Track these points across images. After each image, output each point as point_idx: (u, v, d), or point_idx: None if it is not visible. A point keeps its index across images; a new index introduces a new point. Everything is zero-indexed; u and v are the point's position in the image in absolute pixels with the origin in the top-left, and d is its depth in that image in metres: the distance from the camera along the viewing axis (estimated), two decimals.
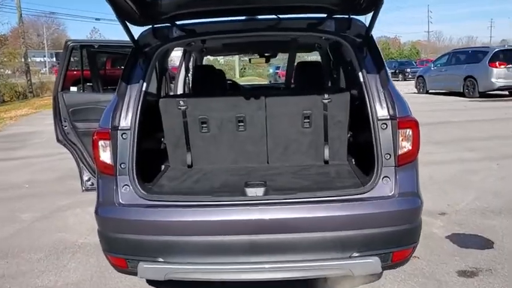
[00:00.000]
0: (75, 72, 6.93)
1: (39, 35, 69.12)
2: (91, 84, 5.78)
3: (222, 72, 5.08)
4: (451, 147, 8.30)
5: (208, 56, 7.62)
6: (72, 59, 5.04)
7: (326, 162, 3.48)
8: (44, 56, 61.11)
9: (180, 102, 3.40)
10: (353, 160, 3.54)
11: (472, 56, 18.89)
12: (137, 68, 3.06)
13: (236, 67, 39.26)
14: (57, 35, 70.70)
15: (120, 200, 2.80)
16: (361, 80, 2.93)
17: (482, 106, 15.33)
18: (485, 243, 4.19)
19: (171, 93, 5.15)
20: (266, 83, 18.93)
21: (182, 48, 5.55)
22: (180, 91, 5.29)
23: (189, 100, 3.41)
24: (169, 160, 3.57)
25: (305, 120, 3.43)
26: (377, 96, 2.85)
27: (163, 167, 3.61)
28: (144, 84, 3.02)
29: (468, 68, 18.49)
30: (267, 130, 3.47)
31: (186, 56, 5.39)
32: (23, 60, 29.71)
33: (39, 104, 22.43)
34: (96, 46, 5.29)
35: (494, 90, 17.57)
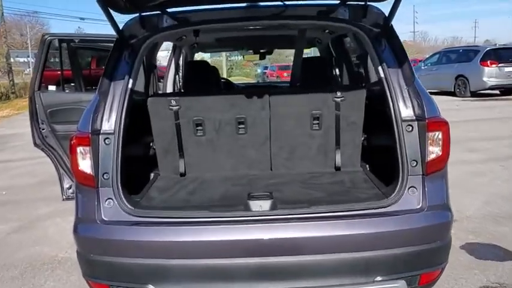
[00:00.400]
0: (58, 72, 6.43)
1: (22, 34, 67.88)
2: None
3: (215, 69, 4.69)
4: (451, 148, 8.01)
5: (199, 54, 7.22)
6: (54, 59, 4.59)
7: (338, 168, 3.10)
8: (28, 56, 59.98)
9: (172, 101, 2.99)
10: (367, 166, 3.17)
11: (463, 55, 18.73)
12: (122, 63, 2.66)
13: (223, 67, 38.84)
14: (40, 35, 69.46)
15: (103, 217, 2.39)
16: (381, 75, 2.56)
17: (475, 106, 15.16)
18: (504, 254, 3.87)
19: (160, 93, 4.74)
20: (261, 82, 18.45)
21: (168, 49, 5.14)
22: (169, 91, 4.88)
23: (182, 99, 3.00)
24: (159, 168, 3.16)
25: (314, 122, 3.05)
26: (400, 94, 2.49)
27: (152, 175, 3.19)
28: (130, 81, 2.62)
29: (459, 67, 18.31)
30: (271, 133, 3.08)
31: (175, 52, 4.97)
32: (5, 60, 28.91)
33: (21, 105, 21.74)
34: (76, 41, 4.83)
35: (486, 89, 17.42)
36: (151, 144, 3.16)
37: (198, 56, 7.26)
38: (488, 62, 17.26)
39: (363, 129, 3.07)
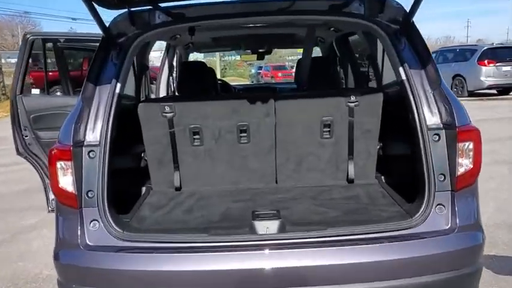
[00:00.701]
0: (50, 74, 6.06)
1: (14, 35, 67.21)
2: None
3: (212, 70, 4.38)
4: None
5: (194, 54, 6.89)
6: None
7: (350, 181, 2.81)
8: None
9: (165, 107, 2.68)
10: (382, 178, 2.88)
11: (460, 54, 18.55)
12: (109, 64, 2.36)
13: (217, 67, 38.55)
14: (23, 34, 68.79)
15: (87, 241, 2.10)
16: (402, 77, 2.28)
17: (473, 106, 14.92)
18: None
19: (153, 97, 4.43)
20: (260, 83, 17.87)
21: (161, 49, 4.82)
22: (163, 94, 4.56)
23: (177, 105, 2.69)
24: (151, 181, 2.85)
25: (325, 129, 2.75)
26: (425, 99, 2.21)
27: (144, 189, 2.88)
28: (118, 85, 2.32)
29: (456, 66, 18.12)
30: (276, 142, 2.77)
31: (169, 52, 4.66)
32: None
33: None
34: (62, 40, 4.50)
35: (483, 89, 17.24)
36: (142, 155, 2.84)
37: (192, 56, 6.95)
38: (486, 61, 17.08)
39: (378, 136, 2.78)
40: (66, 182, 2.16)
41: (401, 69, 2.29)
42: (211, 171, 2.81)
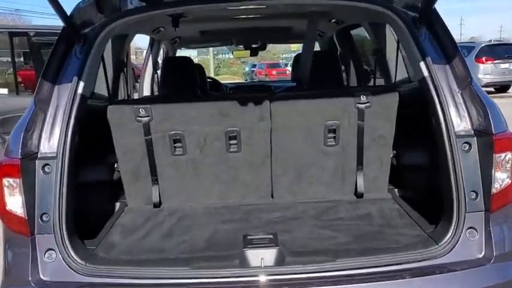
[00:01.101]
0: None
1: None
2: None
3: (200, 67, 3.98)
4: None
5: (187, 52, 6.46)
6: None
7: (359, 195, 2.41)
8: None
9: (140, 110, 2.27)
10: (396, 191, 2.49)
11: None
12: (71, 59, 1.96)
13: (211, 65, 38.05)
14: None
15: (41, 276, 1.71)
16: (424, 73, 1.90)
17: None
18: None
19: (137, 97, 4.00)
20: (253, 81, 17.14)
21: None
22: (147, 94, 4.14)
23: (154, 107, 2.27)
24: (126, 196, 2.44)
25: (329, 135, 2.35)
26: (451, 99, 1.83)
27: (117, 205, 2.48)
28: (81, 84, 1.92)
29: None
30: (272, 150, 2.37)
31: (153, 48, 4.24)
32: None
33: None
34: (32, 34, 4.05)
35: (481, 87, 16.91)
36: (115, 165, 2.43)
37: (184, 53, 6.49)
38: (483, 58, 16.79)
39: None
40: (15, 203, 1.76)
41: (422, 64, 1.90)
42: (195, 185, 2.40)
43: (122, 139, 2.29)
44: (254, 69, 33.22)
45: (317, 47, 5.26)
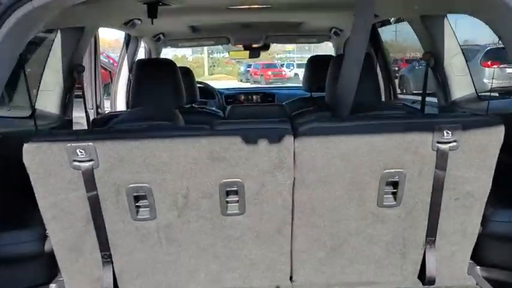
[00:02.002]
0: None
1: None
2: None
3: (188, 71, 3.15)
4: None
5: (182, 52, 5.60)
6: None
7: (429, 281, 1.60)
8: None
9: (78, 151, 1.43)
10: (479, 271, 1.69)
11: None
12: None
13: (205, 64, 37.23)
14: None
15: None
16: None
17: None
18: None
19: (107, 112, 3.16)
20: (270, 86, 14.93)
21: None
22: (121, 108, 3.29)
23: (101, 146, 1.42)
24: (62, 275, 1.61)
25: (387, 190, 1.54)
26: None
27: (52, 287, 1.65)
28: None
29: None
30: (294, 212, 1.54)
31: (129, 47, 3.39)
32: None
33: None
34: None
35: (485, 92, 16.29)
36: (45, 232, 1.60)
37: (178, 52, 5.50)
38: (489, 62, 16.17)
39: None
40: None
41: None
42: (171, 265, 1.58)
43: (49, 195, 1.45)
44: (249, 69, 32.47)
45: (320, 50, 4.49)
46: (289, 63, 31.98)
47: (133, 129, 1.58)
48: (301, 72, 27.44)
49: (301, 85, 4.95)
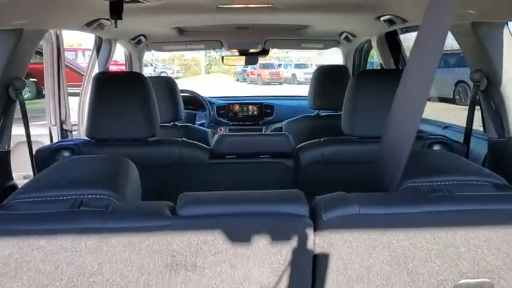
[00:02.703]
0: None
1: None
2: None
3: (170, 83, 2.64)
4: None
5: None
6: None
7: None
8: None
9: None
10: None
11: (464, 59, 17.24)
12: None
13: (202, 63, 36.80)
14: None
15: None
16: None
17: (478, 114, 13.57)
18: None
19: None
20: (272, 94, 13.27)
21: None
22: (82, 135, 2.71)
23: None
24: None
25: None
26: None
27: None
28: None
29: (460, 72, 16.84)
30: None
31: (101, 51, 2.86)
32: None
33: None
34: None
35: None
36: None
37: (174, 52, 4.84)
38: None
39: None
40: None
41: None
42: None
43: None
44: (246, 69, 32.05)
45: (325, 58, 4.06)
46: (286, 63, 31.54)
47: (36, 215, 0.93)
48: (298, 72, 26.96)
49: (301, 94, 4.43)
